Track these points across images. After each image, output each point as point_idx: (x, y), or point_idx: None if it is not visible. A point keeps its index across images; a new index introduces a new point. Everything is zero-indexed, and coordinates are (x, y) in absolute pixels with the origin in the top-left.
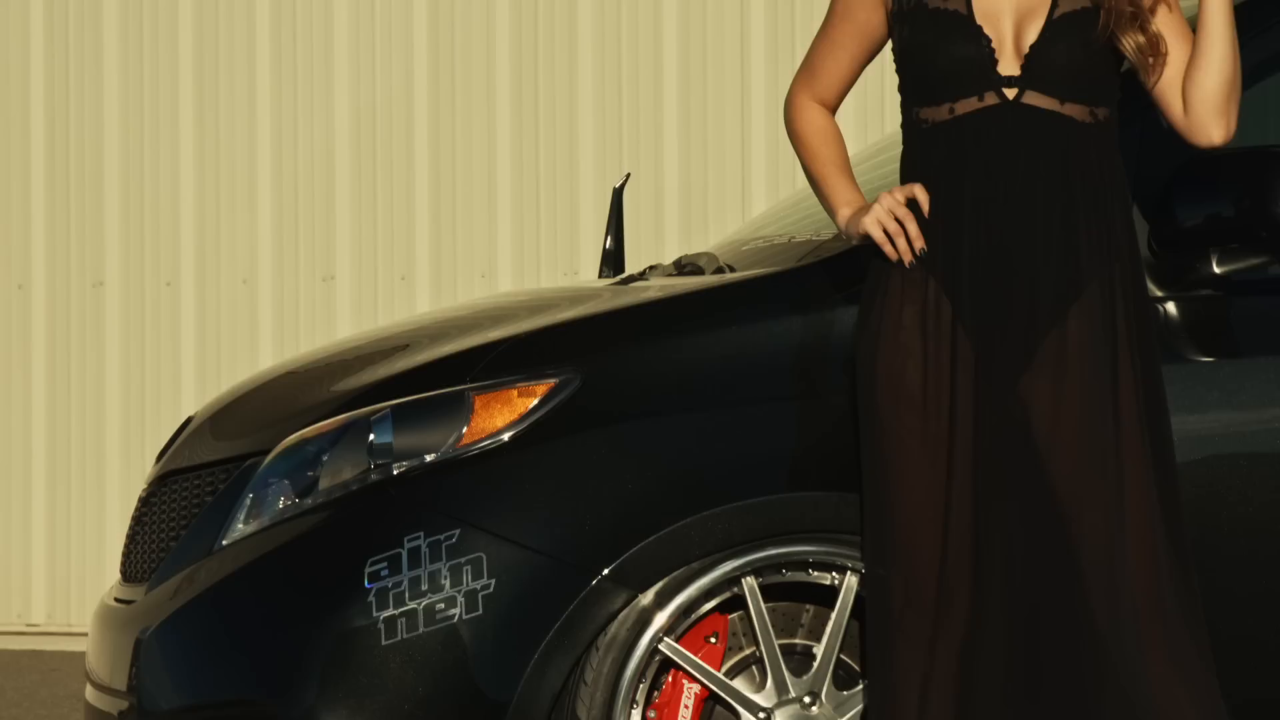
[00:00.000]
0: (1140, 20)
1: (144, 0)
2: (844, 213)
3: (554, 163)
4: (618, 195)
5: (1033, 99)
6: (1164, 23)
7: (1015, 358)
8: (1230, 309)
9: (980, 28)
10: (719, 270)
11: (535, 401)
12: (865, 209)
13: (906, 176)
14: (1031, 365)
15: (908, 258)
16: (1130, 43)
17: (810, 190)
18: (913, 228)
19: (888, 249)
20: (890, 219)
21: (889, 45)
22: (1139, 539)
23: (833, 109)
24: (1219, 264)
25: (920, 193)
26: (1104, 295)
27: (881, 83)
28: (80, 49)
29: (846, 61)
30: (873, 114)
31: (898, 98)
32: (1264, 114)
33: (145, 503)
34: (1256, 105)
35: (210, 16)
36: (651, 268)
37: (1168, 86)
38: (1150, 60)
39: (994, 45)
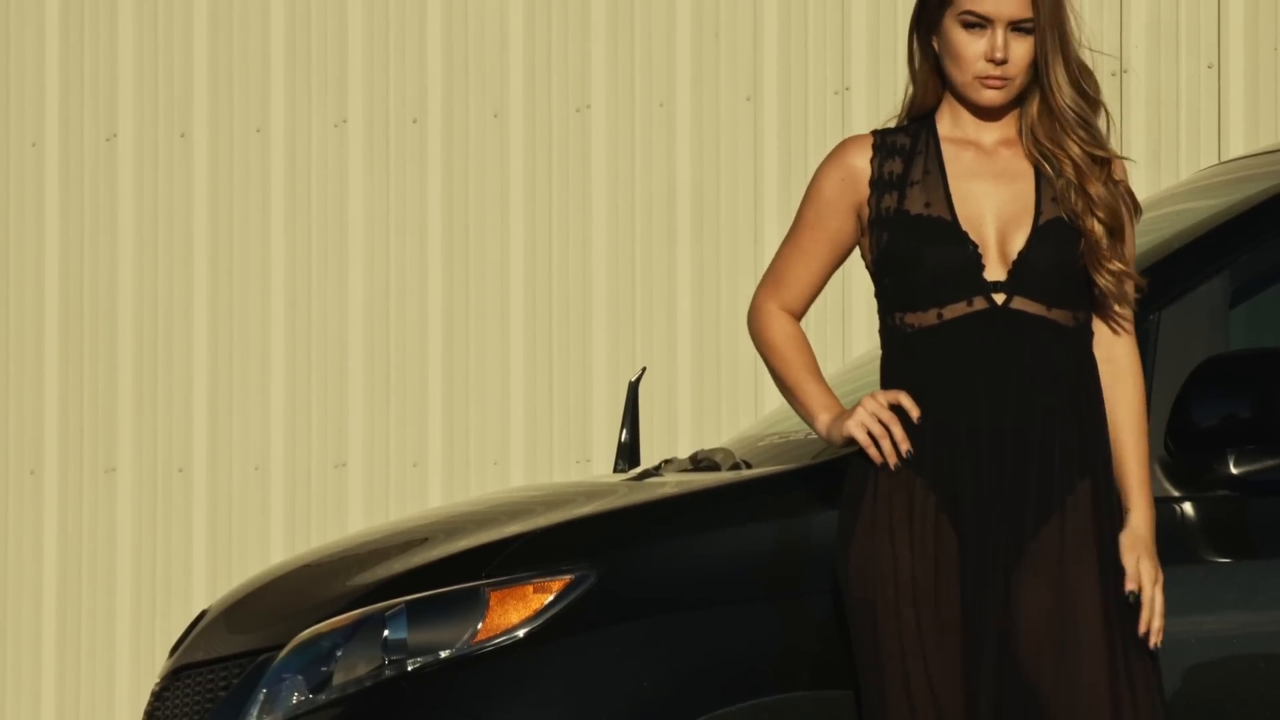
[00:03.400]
0: (1114, 250)
1: (159, 182)
2: (823, 418)
3: (567, 352)
4: (633, 389)
5: (1021, 304)
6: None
7: (1002, 557)
8: (1247, 510)
9: (966, 234)
10: (735, 466)
11: (550, 598)
12: (846, 413)
13: (889, 380)
14: (1019, 565)
15: (893, 460)
16: (1106, 273)
17: None
18: (898, 430)
19: (872, 452)
20: (875, 422)
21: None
22: None
23: (799, 316)
24: (1236, 465)
25: (905, 399)
26: (1088, 497)
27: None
28: (95, 231)
29: (816, 269)
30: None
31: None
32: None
33: (158, 697)
34: (1274, 305)
35: (225, 201)
36: (666, 462)
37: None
38: (1127, 287)
39: (980, 250)
